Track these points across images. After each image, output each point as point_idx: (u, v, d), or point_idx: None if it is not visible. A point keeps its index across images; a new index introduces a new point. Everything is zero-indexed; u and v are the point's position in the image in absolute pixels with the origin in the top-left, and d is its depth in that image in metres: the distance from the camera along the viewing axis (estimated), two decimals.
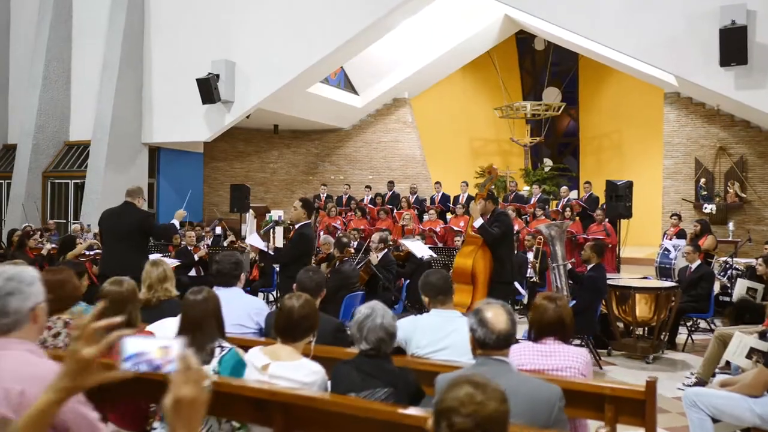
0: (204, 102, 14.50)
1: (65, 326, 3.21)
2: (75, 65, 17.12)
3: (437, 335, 3.20)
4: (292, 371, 2.67)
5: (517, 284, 6.87)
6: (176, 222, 6.49)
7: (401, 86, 18.58)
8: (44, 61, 16.56)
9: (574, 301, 6.26)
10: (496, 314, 2.50)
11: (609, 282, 6.93)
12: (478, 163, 19.66)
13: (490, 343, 2.44)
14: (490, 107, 19.78)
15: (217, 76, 14.42)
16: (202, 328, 2.82)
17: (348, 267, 6.47)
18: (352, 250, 8.00)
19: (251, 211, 13.76)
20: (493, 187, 6.17)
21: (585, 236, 10.99)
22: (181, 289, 8.89)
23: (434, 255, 6.89)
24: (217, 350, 2.81)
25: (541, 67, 20.42)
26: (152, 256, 7.03)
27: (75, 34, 17.04)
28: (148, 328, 3.41)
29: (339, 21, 13.67)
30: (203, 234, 10.88)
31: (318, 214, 13.89)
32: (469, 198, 13.33)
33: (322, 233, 12.11)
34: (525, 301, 9.74)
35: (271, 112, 16.70)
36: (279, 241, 5.68)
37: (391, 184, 14.73)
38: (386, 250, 7.32)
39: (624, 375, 6.37)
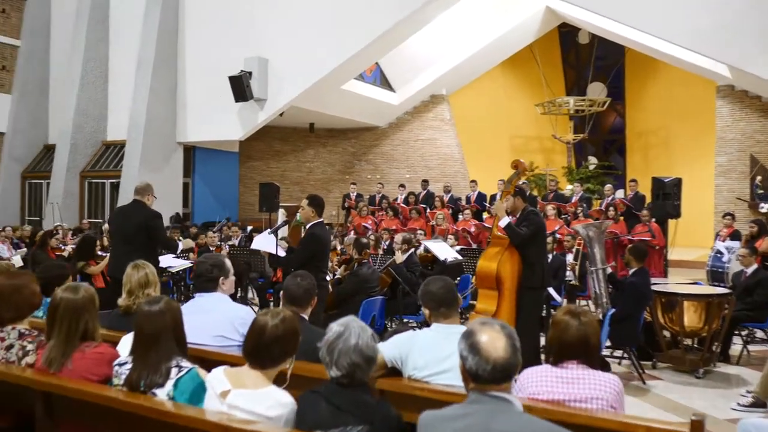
0: (236, 100, 14.29)
1: (20, 337, 2.86)
2: (112, 64, 17.14)
3: (438, 355, 2.73)
4: (253, 402, 2.23)
5: (552, 290, 6.32)
6: (181, 245, 6.18)
7: (439, 82, 18.08)
8: (82, 61, 16.62)
9: (613, 310, 5.69)
10: (492, 338, 1.99)
11: (654, 287, 6.32)
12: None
13: (484, 376, 1.95)
14: (531, 103, 19.10)
15: (250, 73, 14.18)
16: (158, 344, 2.42)
17: (367, 270, 6.04)
18: (376, 251, 7.59)
19: (282, 210, 13.44)
20: (523, 182, 5.62)
21: (630, 237, 10.32)
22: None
23: (458, 257, 6.38)
24: (174, 371, 2.41)
25: (586, 62, 19.63)
26: (164, 258, 6.73)
27: (112, 33, 17.05)
28: (123, 339, 3.04)
29: (372, 15, 13.26)
30: (230, 234, 10.59)
31: (349, 213, 13.49)
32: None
33: (351, 233, 11.73)
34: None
35: (306, 110, 16.41)
36: (266, 245, 5.27)
37: (425, 182, 14.24)
38: (411, 251, 6.86)
39: (670, 391, 5.76)
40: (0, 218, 16.75)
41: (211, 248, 8.68)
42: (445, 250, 6.09)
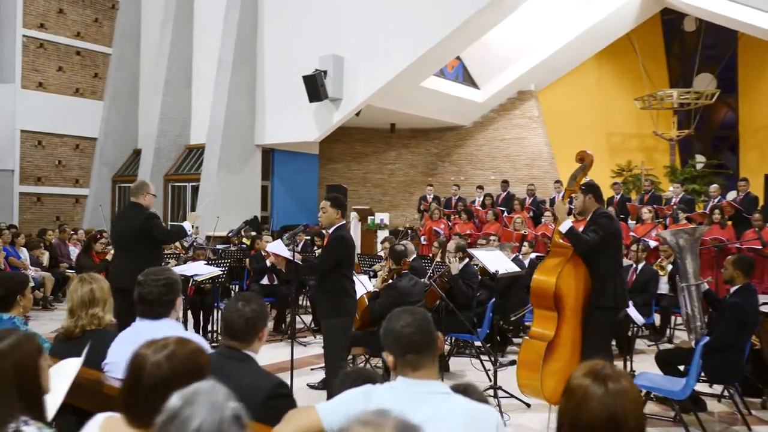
0: (311, 100, 13.87)
1: None
2: (195, 68, 17.25)
3: None
4: None
5: (633, 309, 5.28)
6: (188, 225, 5.58)
7: (526, 77, 16.96)
8: (167, 66, 16.81)
9: (706, 338, 4.60)
10: None
11: (764, 308, 5.15)
12: (616, 161, 17.54)
13: None
14: (629, 98, 17.55)
15: (325, 72, 13.72)
16: None
17: (407, 282, 5.24)
18: (443, 259, 6.78)
19: (354, 213, 12.85)
20: (587, 179, 4.67)
21: (738, 245, 8.93)
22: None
23: (516, 269, 5.46)
24: None
25: (692, 51, 17.84)
26: (191, 266, 6.23)
27: (195, 36, 17.17)
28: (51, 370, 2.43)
29: (449, 5, 12.45)
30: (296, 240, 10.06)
31: (423, 216, 12.71)
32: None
33: (423, 239, 10.95)
34: (656, 323, 7.97)
35: (385, 109, 15.79)
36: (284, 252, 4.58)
37: (504, 183, 13.21)
38: (467, 260, 6.00)
39: None
40: (92, 222, 17.23)
41: (262, 252, 8.17)
42: (496, 261, 5.20)
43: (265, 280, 8.00)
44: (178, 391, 1.38)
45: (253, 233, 11.55)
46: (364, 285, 5.44)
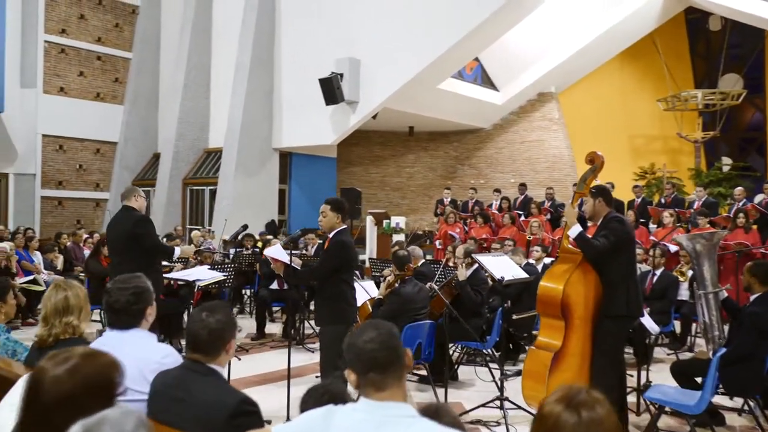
0: (327, 103, 13.79)
1: None
2: (214, 73, 17.28)
3: None
4: None
5: (648, 319, 5.05)
6: (177, 251, 5.46)
7: (546, 79, 16.70)
8: (185, 70, 16.87)
9: (723, 349, 4.37)
10: None
11: None
12: (639, 164, 17.18)
13: None
14: (652, 99, 17.19)
15: (341, 75, 13.63)
16: None
17: (411, 288, 5.08)
18: (455, 265, 6.60)
19: (370, 217, 12.71)
20: (597, 181, 4.48)
21: (763, 250, 8.61)
22: (260, 304, 8.07)
23: (523, 275, 5.25)
24: None
25: (717, 51, 17.42)
26: (195, 270, 6.14)
27: (214, 40, 17.21)
28: (18, 383, 2.33)
29: (465, 6, 12.27)
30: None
31: (440, 220, 12.51)
32: (616, 203, 11.26)
33: (438, 243, 10.78)
34: (677, 330, 7.71)
35: (403, 112, 15.66)
36: (282, 257, 4.44)
37: (522, 186, 12.96)
38: (476, 265, 5.82)
39: None
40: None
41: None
42: (503, 267, 5.01)
43: (275, 285, 7.90)
44: (81, 420, 1.23)
45: (269, 236, 11.48)
46: (367, 291, 5.30)
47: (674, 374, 4.83)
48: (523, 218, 11.37)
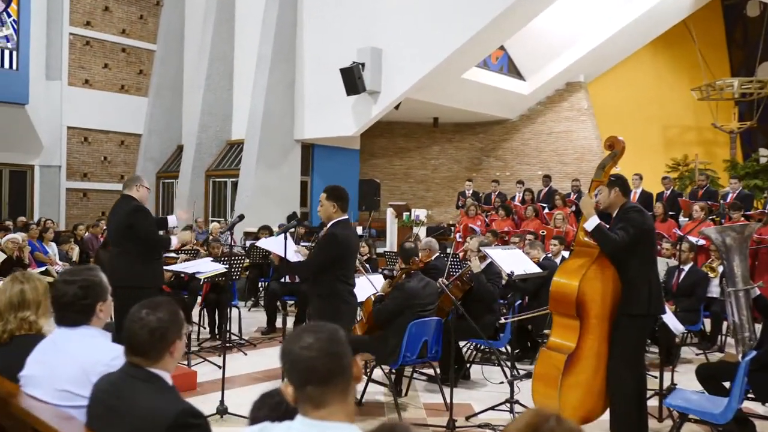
0: (348, 93, 13.55)
1: None
2: (237, 64, 17.15)
3: None
4: None
5: (670, 317, 4.70)
6: (174, 240, 5.22)
7: (575, 68, 16.20)
8: (208, 61, 16.77)
9: (753, 352, 4.01)
10: None
11: None
12: (672, 155, 16.61)
13: None
14: (686, 88, 16.57)
15: (362, 65, 13.37)
16: None
17: (416, 283, 4.80)
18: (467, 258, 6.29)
19: (391, 209, 12.44)
20: (617, 169, 4.14)
21: None
22: (271, 297, 7.87)
23: (536, 270, 4.92)
24: None
25: (756, 38, 16.70)
26: (196, 263, 5.94)
27: (237, 32, 17.07)
28: None
29: None
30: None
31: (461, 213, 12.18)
32: (644, 195, 10.82)
33: (458, 236, 10.47)
34: (706, 328, 7.31)
35: (428, 103, 15.33)
36: (290, 250, 4.18)
37: (546, 178, 12.54)
38: (490, 258, 5.51)
39: None
40: None
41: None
42: (513, 261, 4.69)
43: (287, 278, 7.69)
44: None
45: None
46: (374, 285, 5.03)
47: (700, 378, 4.47)
48: (547, 210, 10.99)
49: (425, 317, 4.71)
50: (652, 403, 4.91)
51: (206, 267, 5.61)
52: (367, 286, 5.06)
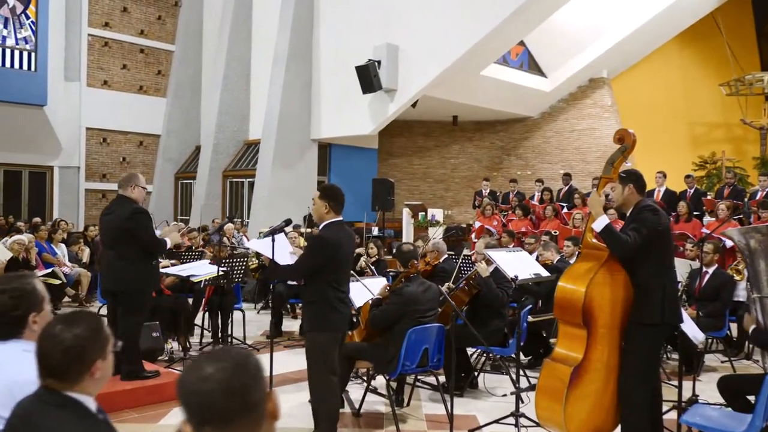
0: (364, 91, 13.34)
1: None
2: (254, 64, 17.05)
3: None
4: None
5: (689, 326, 4.36)
6: (169, 243, 5.03)
7: (598, 64, 15.75)
8: (225, 61, 16.69)
9: None
10: None
11: None
12: (699, 153, 16.08)
13: None
14: (715, 83, 16.04)
15: (378, 62, 13.13)
16: None
17: (416, 287, 4.52)
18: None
19: (407, 209, 12.17)
20: (628, 164, 3.83)
21: None
22: (276, 300, 7.65)
23: (543, 273, 4.61)
24: None
25: None
26: (191, 266, 5.76)
27: (254, 32, 16.96)
28: None
29: None
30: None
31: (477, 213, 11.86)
32: (668, 194, 10.41)
33: (474, 237, 10.17)
34: (733, 333, 6.92)
35: (446, 101, 15.04)
36: (278, 252, 3.93)
37: (566, 177, 12.15)
38: None
39: None
40: (157, 218, 17.26)
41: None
42: (518, 264, 4.38)
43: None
44: None
45: (308, 229, 11.08)
46: (370, 290, 4.77)
47: (722, 391, 4.13)
48: (566, 210, 10.63)
49: (426, 323, 4.44)
50: (671, 416, 4.58)
51: (201, 270, 5.42)
52: (362, 292, 4.80)
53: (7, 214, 15.25)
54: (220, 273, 5.64)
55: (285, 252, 4.09)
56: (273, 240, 3.85)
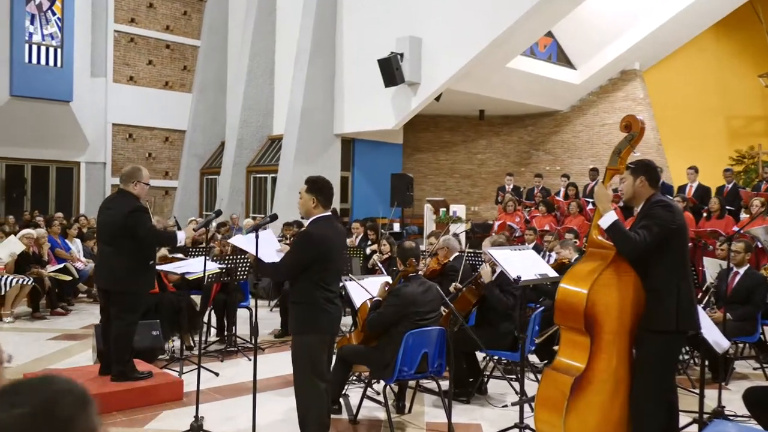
0: (386, 85, 13.07)
1: None
2: (278, 59, 16.91)
3: None
4: None
5: (712, 332, 4.01)
6: (182, 235, 4.81)
7: (630, 55, 15.21)
8: (249, 56, 16.58)
9: None
10: None
11: None
12: (736, 147, 15.43)
13: None
14: (753, 75, 15.36)
15: (401, 55, 12.85)
16: None
17: (416, 287, 4.23)
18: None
19: (429, 205, 11.87)
20: (636, 154, 3.52)
21: None
22: (283, 298, 7.43)
23: (550, 273, 4.26)
24: None
25: None
26: (189, 263, 5.56)
27: (278, 27, 16.82)
28: None
29: None
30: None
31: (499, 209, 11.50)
32: (701, 189, 9.91)
33: (493, 233, 9.81)
34: (766, 337, 6.48)
35: (472, 94, 14.68)
36: (263, 249, 3.67)
37: (593, 171, 11.69)
38: None
39: None
40: (183, 214, 17.29)
41: None
42: (523, 264, 4.05)
43: None
44: None
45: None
46: (367, 290, 4.51)
47: (748, 404, 3.76)
48: (591, 206, 10.21)
49: (426, 326, 4.15)
50: (692, 430, 4.23)
51: (196, 267, 5.22)
52: (360, 292, 4.53)
53: (34, 209, 15.39)
54: (221, 270, 5.44)
55: (271, 249, 3.85)
56: (257, 236, 3.61)
